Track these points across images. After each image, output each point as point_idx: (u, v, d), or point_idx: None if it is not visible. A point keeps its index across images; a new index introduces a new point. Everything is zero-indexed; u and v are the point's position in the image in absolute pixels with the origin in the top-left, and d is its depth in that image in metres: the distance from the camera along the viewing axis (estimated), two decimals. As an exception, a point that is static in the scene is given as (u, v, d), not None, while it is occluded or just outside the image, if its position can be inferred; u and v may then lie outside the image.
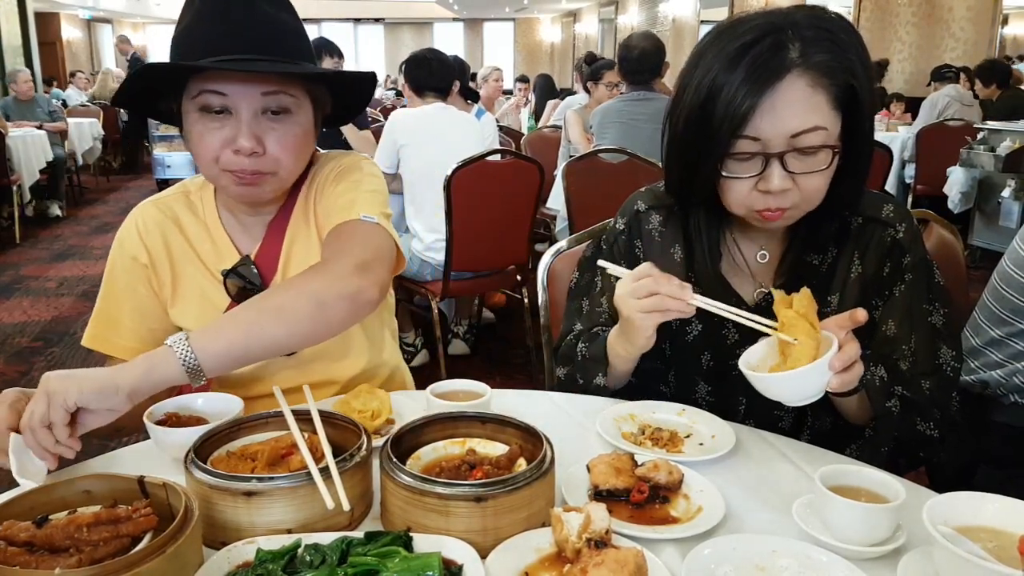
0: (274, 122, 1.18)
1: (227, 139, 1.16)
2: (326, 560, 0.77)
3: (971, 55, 8.14)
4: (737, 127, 1.05)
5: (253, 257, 1.31)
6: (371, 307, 1.14)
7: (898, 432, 1.13)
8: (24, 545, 0.74)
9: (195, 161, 1.23)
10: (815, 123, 1.05)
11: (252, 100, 1.15)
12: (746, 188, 1.10)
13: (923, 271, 1.21)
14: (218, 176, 1.21)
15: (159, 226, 1.33)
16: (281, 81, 1.17)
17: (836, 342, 0.97)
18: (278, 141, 1.18)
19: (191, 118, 1.18)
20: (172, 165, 9.55)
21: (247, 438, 0.99)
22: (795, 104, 1.04)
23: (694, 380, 1.29)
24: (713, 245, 1.24)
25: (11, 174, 6.54)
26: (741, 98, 1.03)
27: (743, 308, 1.23)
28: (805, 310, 1.00)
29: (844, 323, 1.00)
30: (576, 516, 0.82)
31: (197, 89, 1.15)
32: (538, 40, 24.34)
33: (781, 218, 1.12)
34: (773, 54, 1.04)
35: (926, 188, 6.21)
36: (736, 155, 1.08)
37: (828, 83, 1.05)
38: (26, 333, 4.50)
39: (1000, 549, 0.77)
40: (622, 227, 1.33)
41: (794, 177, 1.07)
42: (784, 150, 1.06)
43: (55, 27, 17.92)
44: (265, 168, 1.19)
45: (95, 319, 1.35)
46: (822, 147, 1.06)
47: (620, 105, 3.99)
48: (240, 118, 1.15)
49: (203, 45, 1.13)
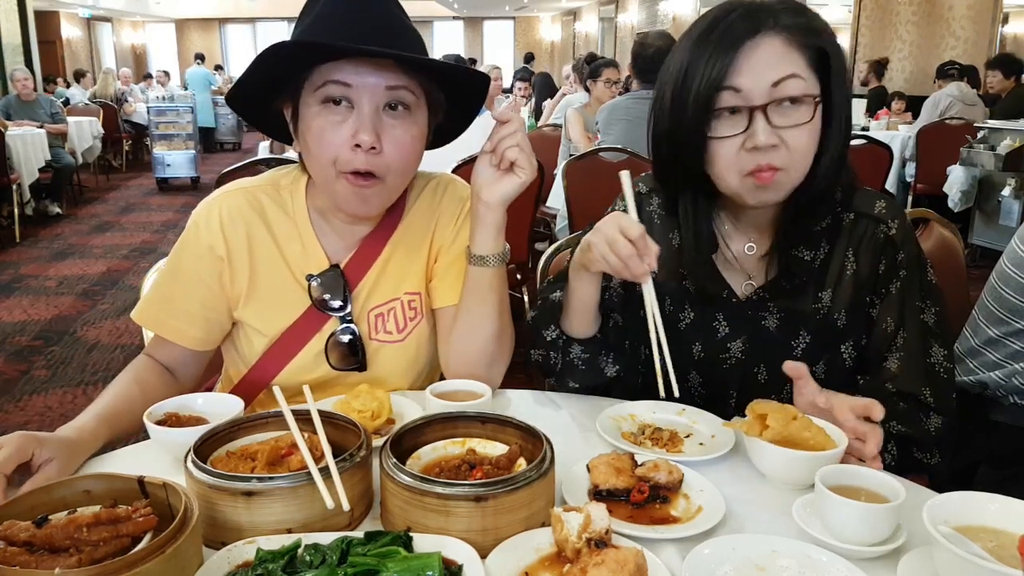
0: (394, 119, 1.15)
1: (346, 135, 1.13)
2: (326, 560, 0.77)
3: (971, 54, 8.13)
4: (718, 82, 1.08)
5: (342, 267, 1.28)
6: None
7: (896, 463, 1.14)
8: (24, 545, 0.74)
9: (309, 164, 1.20)
10: (792, 71, 1.08)
11: (375, 93, 1.13)
12: (734, 149, 1.11)
13: (916, 268, 1.21)
14: (333, 180, 1.16)
15: (244, 218, 1.27)
16: (406, 76, 1.14)
17: (844, 444, 0.98)
18: (395, 141, 1.15)
19: (311, 112, 1.14)
20: (172, 164, 9.59)
21: (247, 438, 0.99)
22: (771, 57, 1.09)
23: (686, 370, 1.29)
24: (705, 233, 1.24)
25: (10, 173, 6.54)
26: (719, 52, 1.09)
27: (734, 301, 1.24)
28: (785, 428, 0.99)
29: (859, 412, 1.02)
30: (576, 516, 0.82)
31: (322, 79, 1.12)
32: (538, 39, 24.33)
33: (772, 182, 1.11)
34: (745, 18, 1.10)
35: (926, 187, 6.21)
36: (720, 112, 1.10)
37: (801, 43, 1.10)
38: (26, 332, 4.50)
39: (1000, 549, 0.77)
40: (622, 207, 1.33)
41: (780, 134, 1.09)
42: (766, 101, 1.08)
43: (55, 26, 17.92)
44: (379, 169, 1.15)
45: (151, 296, 1.32)
46: (803, 96, 1.09)
47: (627, 102, 3.99)
48: (362, 111, 1.12)
49: (332, 36, 1.11)
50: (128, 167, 11.54)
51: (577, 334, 1.23)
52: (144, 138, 11.48)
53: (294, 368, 1.27)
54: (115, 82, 12.23)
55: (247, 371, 1.29)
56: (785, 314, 1.23)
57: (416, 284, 1.32)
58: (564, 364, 1.25)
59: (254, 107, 1.25)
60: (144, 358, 1.30)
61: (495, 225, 1.21)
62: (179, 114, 9.63)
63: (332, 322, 1.27)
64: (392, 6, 1.18)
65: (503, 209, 1.21)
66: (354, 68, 1.11)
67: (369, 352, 1.28)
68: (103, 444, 1.11)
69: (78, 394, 3.66)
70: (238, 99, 1.21)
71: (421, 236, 1.32)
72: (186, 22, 23.30)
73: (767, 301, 1.23)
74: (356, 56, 1.11)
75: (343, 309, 1.26)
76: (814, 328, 1.22)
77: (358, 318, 1.28)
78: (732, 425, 1.06)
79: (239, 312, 1.28)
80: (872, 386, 1.20)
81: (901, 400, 1.17)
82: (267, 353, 1.27)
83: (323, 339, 1.26)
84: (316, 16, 1.14)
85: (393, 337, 1.30)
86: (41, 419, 3.39)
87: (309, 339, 1.26)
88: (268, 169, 1.38)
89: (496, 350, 1.27)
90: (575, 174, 3.55)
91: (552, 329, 1.25)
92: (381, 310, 1.29)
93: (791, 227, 1.21)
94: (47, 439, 1.00)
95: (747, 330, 1.25)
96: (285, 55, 1.11)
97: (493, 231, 1.22)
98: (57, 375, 3.88)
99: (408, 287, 1.31)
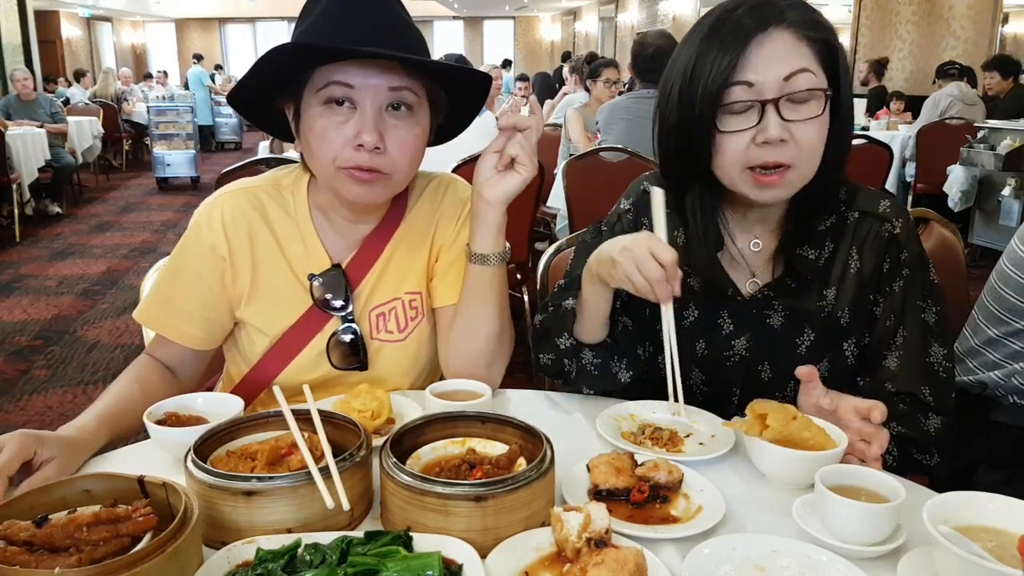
0: (396, 119, 1.15)
1: (349, 136, 1.13)
2: (326, 560, 0.77)
3: (971, 54, 8.13)
4: (728, 75, 1.09)
5: (344, 266, 1.28)
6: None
7: (895, 464, 1.14)
8: (24, 545, 0.74)
9: (311, 163, 1.20)
10: (804, 65, 1.09)
11: (378, 94, 1.13)
12: (744, 142, 1.11)
13: (918, 268, 1.21)
14: (334, 176, 1.16)
15: (246, 218, 1.26)
16: (408, 77, 1.14)
17: (844, 444, 0.98)
18: (399, 141, 1.15)
19: (313, 113, 1.14)
20: (172, 164, 9.59)
21: (247, 438, 0.99)
22: (782, 51, 1.09)
23: (689, 367, 1.29)
24: (711, 229, 1.23)
25: (10, 172, 6.54)
26: (729, 45, 1.09)
27: (738, 299, 1.23)
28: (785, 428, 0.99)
29: (863, 413, 1.02)
30: (576, 516, 0.82)
31: (324, 80, 1.12)
32: (538, 38, 24.33)
33: (781, 183, 1.11)
34: (752, 13, 1.10)
35: (926, 187, 6.20)
36: (731, 106, 1.10)
37: (810, 37, 1.10)
38: (26, 332, 4.50)
39: (1000, 549, 0.77)
40: (628, 207, 1.34)
41: (790, 129, 1.09)
42: (778, 95, 1.08)
43: (55, 25, 17.92)
44: (384, 167, 1.15)
45: (153, 296, 1.31)
46: (814, 90, 1.09)
47: (628, 102, 3.99)
48: (364, 112, 1.13)
49: (333, 36, 1.11)
50: (128, 167, 11.53)
51: (588, 340, 1.22)
52: (144, 138, 11.47)
53: (295, 368, 1.27)
54: (115, 82, 12.23)
55: (249, 371, 1.29)
56: (789, 312, 1.23)
57: (417, 283, 1.32)
58: (578, 370, 1.24)
59: (255, 107, 1.25)
60: (145, 358, 1.30)
61: (496, 223, 1.22)
62: (179, 114, 9.63)
63: (333, 322, 1.27)
64: (393, 3, 1.18)
65: (504, 207, 1.21)
66: (357, 69, 1.11)
67: (370, 352, 1.28)
68: (104, 443, 1.11)
69: (78, 394, 3.66)
70: (239, 100, 1.21)
71: (422, 236, 1.32)
72: (186, 22, 23.31)
73: (772, 299, 1.23)
74: (358, 58, 1.11)
75: (345, 309, 1.26)
76: (818, 326, 1.22)
77: (359, 318, 1.28)
78: (732, 425, 1.06)
79: (241, 311, 1.28)
80: (872, 386, 1.20)
81: (901, 401, 1.17)
82: (268, 353, 1.27)
83: (324, 339, 1.26)
84: (318, 15, 1.14)
85: (394, 337, 1.30)
86: (41, 419, 3.39)
87: (310, 339, 1.26)
88: (268, 169, 1.38)
89: (496, 349, 1.27)
90: (575, 174, 3.55)
91: (566, 338, 1.23)
92: (382, 309, 1.29)
93: (796, 225, 1.21)
94: (48, 438, 1.00)
95: (751, 328, 1.25)
96: (287, 58, 1.11)
97: (494, 229, 1.22)
98: (57, 375, 3.88)
99: (409, 287, 1.31)
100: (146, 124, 10.18)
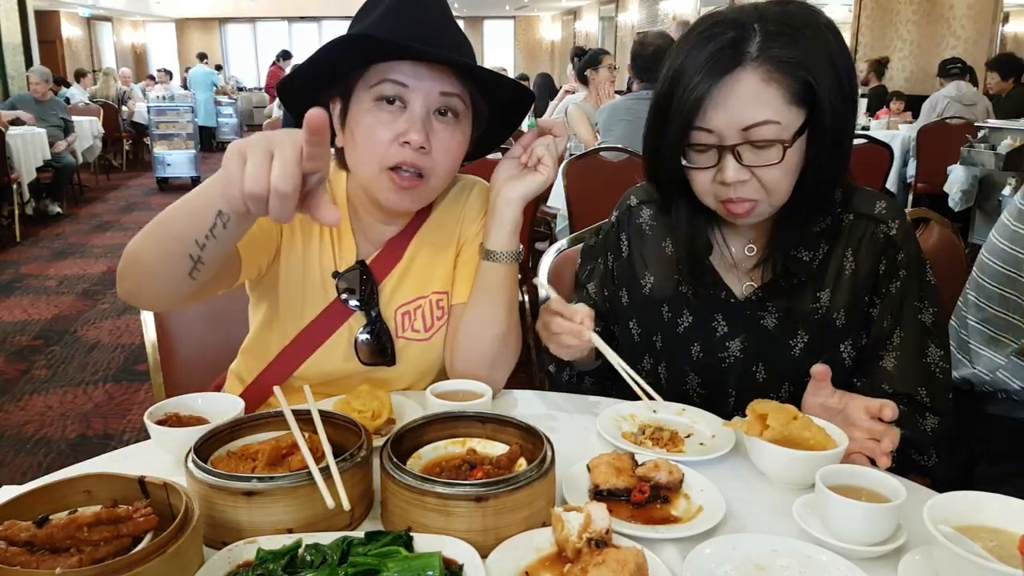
0: (442, 123, 1.16)
1: (397, 134, 1.13)
2: (326, 560, 0.77)
3: (972, 53, 8.12)
4: (690, 119, 1.10)
5: (368, 263, 1.28)
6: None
7: (894, 465, 1.14)
8: (25, 545, 0.74)
9: (353, 159, 1.19)
10: (766, 117, 1.07)
11: (429, 96, 1.14)
12: (707, 179, 1.15)
13: (915, 269, 1.22)
14: (377, 176, 1.16)
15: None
16: (459, 84, 1.16)
17: (844, 444, 0.98)
18: (443, 144, 1.16)
19: (363, 108, 1.15)
20: (172, 164, 9.60)
21: (247, 438, 0.99)
22: (745, 97, 1.07)
23: (685, 371, 1.30)
24: (700, 237, 1.25)
25: (11, 172, 6.54)
26: (695, 85, 1.08)
27: (732, 301, 1.24)
28: (785, 428, 0.99)
29: (874, 412, 1.02)
30: (576, 516, 0.82)
31: (378, 77, 1.13)
32: (538, 38, 24.33)
33: (749, 214, 1.15)
34: (731, 47, 1.08)
35: (926, 186, 6.20)
36: (694, 146, 1.13)
37: (783, 78, 1.07)
38: (26, 332, 4.50)
39: (1000, 548, 0.77)
40: (614, 220, 1.39)
41: (751, 169, 1.10)
42: (737, 142, 1.09)
43: (55, 25, 17.90)
44: (425, 168, 1.16)
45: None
46: (775, 141, 1.08)
47: (628, 103, 4.00)
48: (414, 112, 1.13)
49: (395, 35, 1.10)
50: (128, 167, 11.54)
51: (585, 368, 1.37)
52: (144, 138, 11.47)
53: (315, 362, 1.27)
54: (116, 82, 12.23)
55: (268, 364, 1.28)
56: (783, 314, 1.23)
57: (443, 283, 1.32)
58: (584, 391, 1.34)
59: (303, 100, 1.22)
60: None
61: (512, 221, 1.24)
62: (179, 114, 9.64)
63: (356, 318, 1.26)
64: (448, 13, 1.20)
65: (521, 206, 1.24)
66: (412, 69, 1.13)
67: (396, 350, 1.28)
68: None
69: (78, 394, 3.66)
70: (292, 90, 1.22)
71: (447, 236, 1.33)
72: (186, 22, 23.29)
73: (765, 301, 1.23)
74: (416, 58, 1.12)
75: (368, 305, 1.26)
76: (812, 327, 1.22)
77: (384, 315, 1.28)
78: (732, 425, 1.06)
79: (273, 269, 1.25)
80: (869, 387, 1.20)
81: (898, 402, 1.17)
82: (289, 346, 1.27)
83: (344, 335, 1.26)
84: (380, 15, 1.15)
85: (420, 336, 1.29)
86: (41, 419, 3.39)
87: (332, 334, 1.27)
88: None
89: (500, 351, 1.27)
90: (575, 174, 3.55)
91: (567, 372, 1.39)
92: (407, 308, 1.29)
93: (789, 231, 1.21)
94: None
95: (746, 329, 1.25)
96: (358, 49, 1.12)
97: (509, 227, 1.24)
98: (57, 375, 3.89)
99: (436, 286, 1.31)
100: (146, 124, 10.19)
